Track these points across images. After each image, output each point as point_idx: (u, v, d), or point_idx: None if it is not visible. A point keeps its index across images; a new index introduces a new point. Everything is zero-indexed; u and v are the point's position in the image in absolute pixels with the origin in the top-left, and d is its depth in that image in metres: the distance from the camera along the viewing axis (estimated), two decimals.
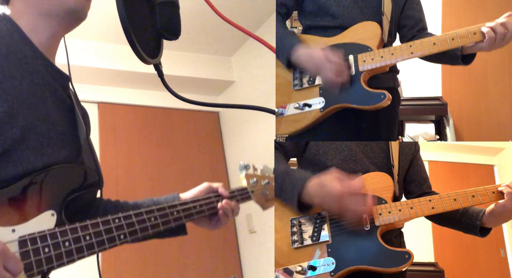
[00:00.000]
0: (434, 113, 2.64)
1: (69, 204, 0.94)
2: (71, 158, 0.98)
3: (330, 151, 1.27)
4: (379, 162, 1.29)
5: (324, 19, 1.44)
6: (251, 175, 1.46)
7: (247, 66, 3.67)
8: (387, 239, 1.17)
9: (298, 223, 1.18)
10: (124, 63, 3.30)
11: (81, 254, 0.87)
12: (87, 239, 0.89)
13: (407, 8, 1.50)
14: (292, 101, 1.35)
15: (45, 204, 0.88)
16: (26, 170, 0.87)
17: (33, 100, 0.92)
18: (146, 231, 1.02)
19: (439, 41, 1.27)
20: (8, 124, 0.86)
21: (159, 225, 1.06)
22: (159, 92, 3.57)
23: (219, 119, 4.01)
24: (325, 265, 1.11)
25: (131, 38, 0.91)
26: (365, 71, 1.29)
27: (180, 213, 1.13)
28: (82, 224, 0.90)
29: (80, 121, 1.04)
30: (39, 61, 0.97)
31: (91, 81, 3.38)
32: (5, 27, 0.94)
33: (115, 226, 0.96)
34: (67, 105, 1.03)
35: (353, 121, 1.41)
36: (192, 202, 1.19)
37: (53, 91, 0.99)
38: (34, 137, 0.90)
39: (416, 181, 1.38)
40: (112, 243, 0.94)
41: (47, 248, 0.83)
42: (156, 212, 1.06)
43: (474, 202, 1.20)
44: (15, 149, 0.86)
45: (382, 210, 1.17)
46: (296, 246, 1.15)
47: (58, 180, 0.91)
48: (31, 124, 0.90)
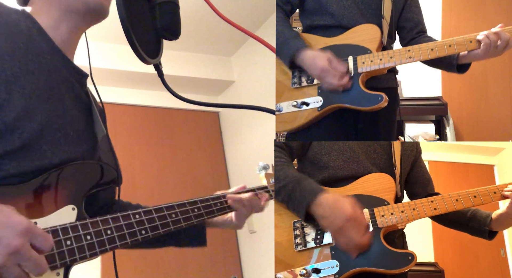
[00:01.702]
0: (434, 113, 2.64)
1: (90, 202, 0.94)
2: (87, 155, 0.98)
3: (332, 152, 1.27)
4: (381, 163, 1.29)
5: (324, 18, 1.45)
6: (271, 174, 1.46)
7: (247, 66, 3.67)
8: (390, 239, 1.17)
9: (300, 226, 1.18)
10: (124, 63, 3.30)
11: (103, 247, 0.87)
12: (108, 233, 0.89)
13: (406, 11, 1.52)
14: (291, 99, 1.38)
15: (65, 198, 0.88)
16: (44, 165, 0.87)
17: (50, 96, 0.91)
18: (167, 226, 1.01)
19: (436, 47, 1.31)
20: (27, 118, 0.85)
21: (180, 221, 1.05)
22: (159, 92, 3.57)
23: (219, 119, 4.01)
24: (328, 267, 1.11)
25: (131, 38, 0.91)
26: (363, 72, 1.32)
27: (201, 210, 1.13)
28: (103, 218, 0.90)
29: (98, 118, 1.04)
30: (57, 58, 0.97)
31: (91, 81, 3.38)
32: (24, 23, 0.93)
33: (136, 221, 0.95)
34: (84, 102, 1.03)
35: (351, 120, 1.43)
36: (213, 199, 1.19)
37: (70, 88, 0.98)
38: (52, 132, 0.90)
39: (420, 183, 1.38)
40: (133, 237, 0.93)
41: (69, 241, 0.82)
42: (176, 208, 1.06)
43: (476, 203, 1.20)
44: (33, 143, 0.86)
45: (385, 211, 1.17)
46: (299, 249, 1.15)
47: (77, 176, 0.91)
48: (49, 119, 0.90)
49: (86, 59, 1.12)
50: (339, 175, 1.25)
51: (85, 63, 1.11)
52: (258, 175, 1.48)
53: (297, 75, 1.39)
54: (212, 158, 3.81)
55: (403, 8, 1.52)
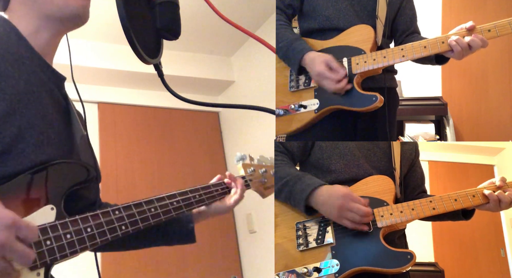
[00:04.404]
0: (434, 113, 2.64)
1: (72, 202, 0.95)
2: (68, 155, 0.99)
3: (333, 156, 1.30)
4: (381, 166, 1.31)
5: (320, 22, 1.47)
6: (248, 164, 1.51)
7: (247, 66, 3.67)
8: (391, 240, 1.19)
9: (303, 227, 1.21)
10: (124, 63, 3.30)
11: (83, 245, 0.88)
12: (88, 231, 0.90)
13: (400, 13, 1.53)
14: (289, 102, 1.41)
15: (44, 199, 0.88)
16: (26, 167, 0.87)
17: (30, 99, 0.93)
18: (147, 220, 1.02)
19: (429, 44, 1.32)
20: (7, 122, 0.87)
21: (160, 215, 1.06)
22: (159, 92, 3.57)
23: (219, 119, 4.02)
24: (329, 267, 1.14)
25: (131, 38, 0.92)
26: (358, 73, 1.34)
27: (180, 202, 1.14)
28: (82, 216, 0.91)
29: (77, 120, 1.05)
30: (36, 62, 0.98)
31: (91, 81, 3.38)
32: (2, 28, 0.95)
33: (116, 218, 0.96)
34: (62, 106, 1.05)
35: (350, 121, 1.45)
36: (191, 191, 1.20)
37: (49, 91, 1.00)
38: (34, 134, 0.91)
39: (411, 187, 1.40)
40: (113, 233, 0.94)
41: (49, 241, 0.83)
42: (156, 203, 1.07)
43: (475, 202, 1.21)
44: (15, 146, 0.87)
45: (384, 212, 1.19)
46: (301, 249, 1.18)
47: (55, 175, 0.92)
48: (30, 122, 0.91)
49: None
50: (341, 178, 1.27)
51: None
52: (236, 166, 1.52)
53: (294, 78, 1.42)
54: (212, 158, 3.81)
55: (398, 10, 1.53)
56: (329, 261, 1.14)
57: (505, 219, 3.25)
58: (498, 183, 1.22)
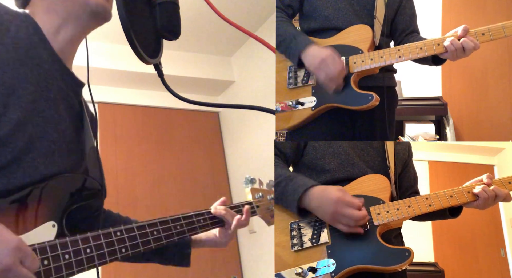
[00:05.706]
0: (434, 113, 2.64)
1: (72, 215, 0.93)
2: (76, 166, 0.97)
3: (327, 156, 1.29)
4: (375, 165, 1.31)
5: (320, 22, 1.47)
6: (257, 189, 1.46)
7: (247, 66, 3.67)
8: (387, 239, 1.17)
9: (297, 227, 1.19)
10: (124, 63, 3.30)
11: (81, 267, 0.86)
12: (87, 252, 0.87)
13: (399, 13, 1.53)
14: (287, 99, 1.43)
15: (46, 214, 0.86)
16: (35, 178, 0.85)
17: (46, 107, 0.91)
18: (148, 244, 1.00)
19: (425, 45, 1.35)
20: (19, 131, 0.84)
21: (162, 238, 1.04)
22: (159, 92, 3.57)
23: (219, 119, 4.01)
24: (325, 266, 1.11)
25: (131, 38, 0.91)
26: (355, 72, 1.35)
27: (183, 226, 1.11)
28: (83, 237, 0.88)
29: (89, 129, 1.03)
30: (56, 66, 0.96)
31: (91, 81, 3.38)
32: (25, 29, 0.92)
33: (117, 239, 0.94)
34: (76, 112, 1.02)
35: (348, 119, 1.45)
36: (196, 215, 1.18)
37: (65, 97, 0.98)
38: (46, 144, 0.89)
39: (404, 188, 1.40)
40: (113, 256, 0.92)
41: (46, 261, 0.80)
42: (159, 226, 1.05)
43: (470, 198, 1.23)
44: (25, 156, 0.85)
45: (380, 209, 1.18)
46: (295, 249, 1.16)
47: (58, 190, 0.89)
48: (43, 131, 0.89)
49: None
50: (336, 177, 1.27)
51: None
52: (244, 189, 1.48)
53: (293, 75, 1.44)
54: (212, 158, 3.81)
55: (397, 10, 1.53)
56: (325, 260, 1.12)
57: (505, 219, 3.25)
58: (485, 180, 1.25)
